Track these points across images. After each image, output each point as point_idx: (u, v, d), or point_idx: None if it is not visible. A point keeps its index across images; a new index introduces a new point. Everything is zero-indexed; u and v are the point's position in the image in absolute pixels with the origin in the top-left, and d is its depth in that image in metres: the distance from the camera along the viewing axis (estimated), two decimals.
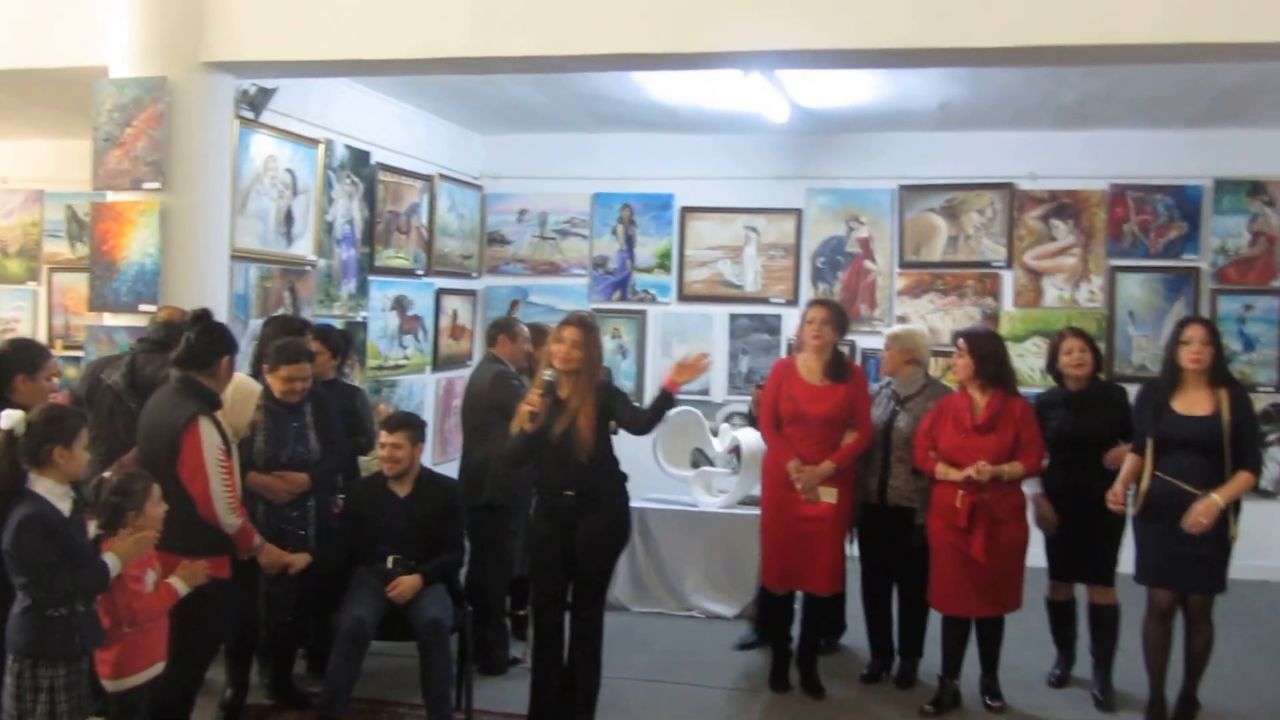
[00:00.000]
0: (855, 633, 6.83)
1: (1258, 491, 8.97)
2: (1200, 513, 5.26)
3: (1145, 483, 5.49)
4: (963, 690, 6.06)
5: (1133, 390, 6.07)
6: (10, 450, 4.03)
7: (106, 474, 4.52)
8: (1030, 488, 6.02)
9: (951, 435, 5.86)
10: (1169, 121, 8.97)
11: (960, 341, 6.01)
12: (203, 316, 5.02)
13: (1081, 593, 6.30)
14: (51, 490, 4.05)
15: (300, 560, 5.30)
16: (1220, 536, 5.37)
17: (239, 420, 5.34)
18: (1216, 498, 5.28)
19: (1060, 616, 6.39)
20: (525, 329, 6.79)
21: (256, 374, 5.80)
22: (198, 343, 4.87)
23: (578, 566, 5.38)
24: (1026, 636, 6.59)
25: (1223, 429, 5.36)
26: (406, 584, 5.42)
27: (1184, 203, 9.30)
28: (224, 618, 4.99)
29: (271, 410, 5.59)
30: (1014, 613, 6.04)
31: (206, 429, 4.70)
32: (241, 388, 5.43)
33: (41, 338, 10.17)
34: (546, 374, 5.27)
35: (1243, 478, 5.39)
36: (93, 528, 4.29)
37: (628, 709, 5.88)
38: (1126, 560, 5.89)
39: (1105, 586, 6.11)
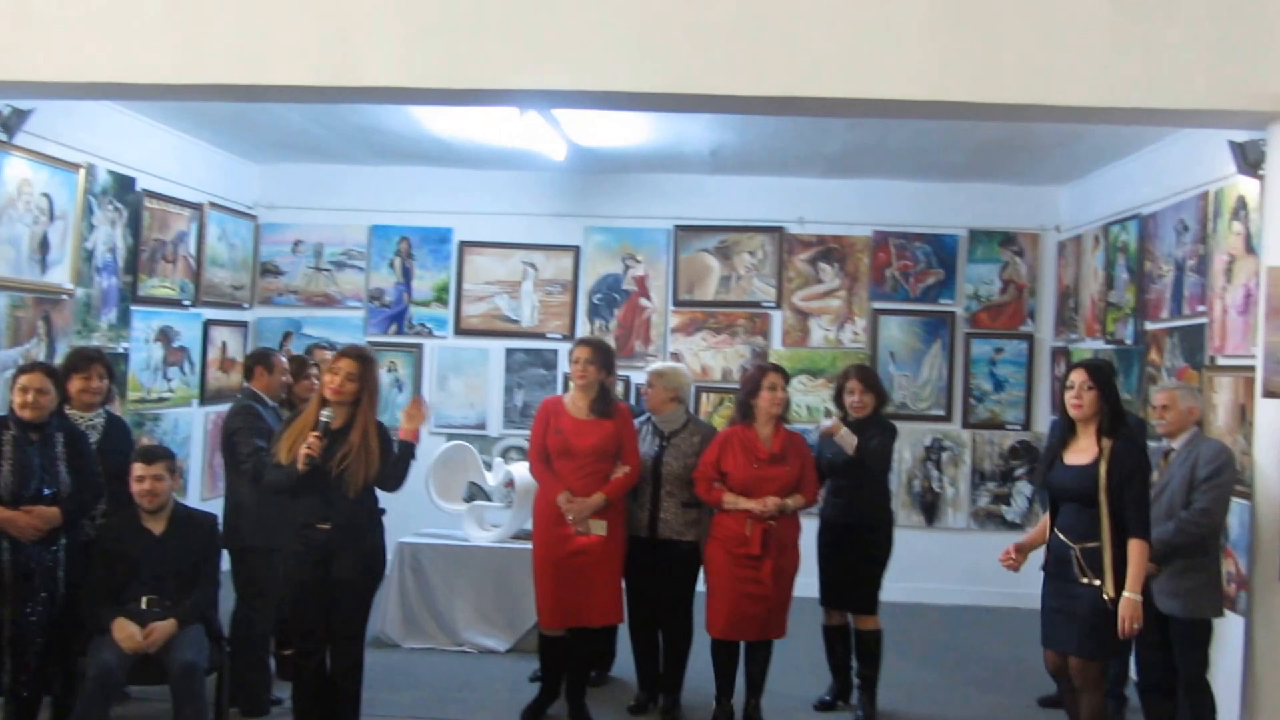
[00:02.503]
0: (624, 663, 6.92)
1: (1005, 523, 9.49)
2: (1128, 619, 4.91)
3: (1046, 537, 5.37)
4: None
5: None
6: None
7: None
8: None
9: (744, 467, 6.09)
10: (928, 174, 9.48)
11: (778, 377, 6.25)
12: None
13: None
14: None
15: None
16: (1097, 601, 5.03)
17: None
18: (1132, 596, 4.92)
19: (834, 641, 6.66)
20: (283, 360, 6.64)
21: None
22: None
23: (335, 602, 5.32)
24: (797, 664, 6.98)
25: (1098, 478, 5.07)
26: (160, 632, 5.24)
27: (941, 251, 9.81)
28: None
29: (18, 440, 5.33)
30: (785, 640, 6.32)
31: None
32: None
33: None
34: (323, 414, 5.25)
35: (1134, 550, 4.96)
36: None
37: None
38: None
39: (868, 615, 6.44)
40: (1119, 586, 4.93)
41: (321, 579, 5.27)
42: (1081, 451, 5.19)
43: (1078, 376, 5.24)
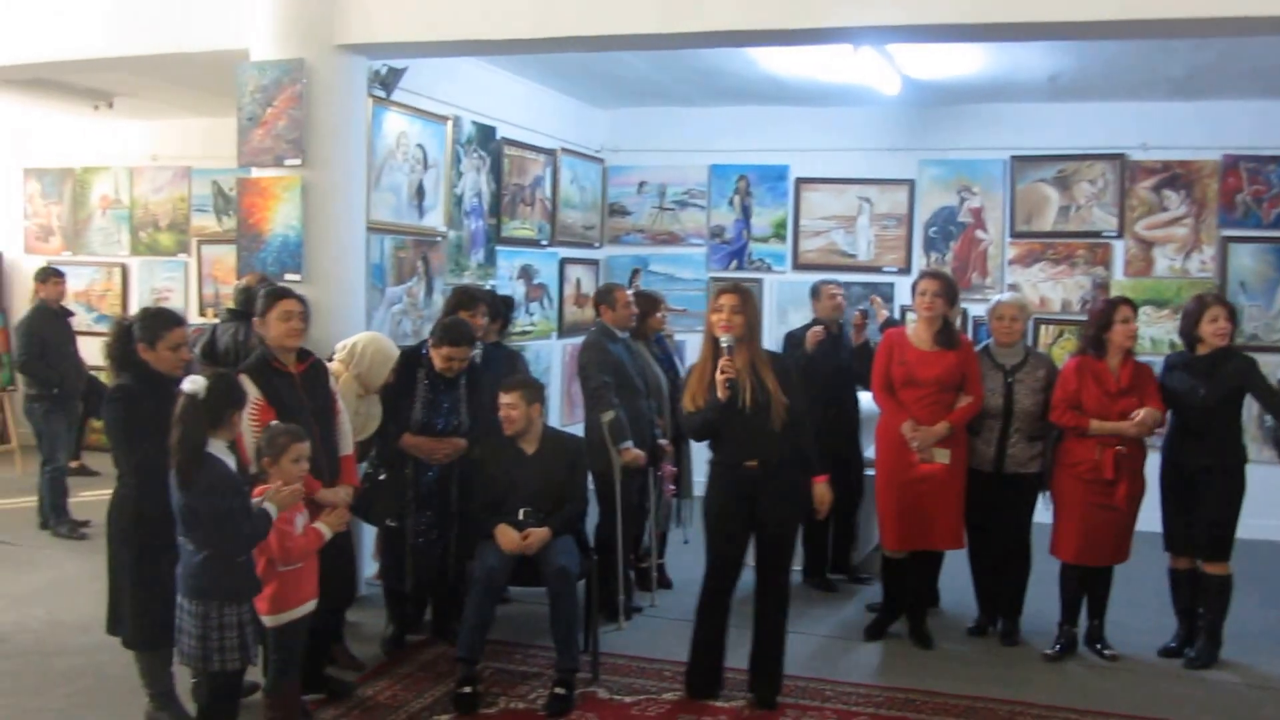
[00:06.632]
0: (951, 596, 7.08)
1: None
2: None
3: None
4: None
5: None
6: (194, 412, 4.28)
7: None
8: None
9: (1098, 398, 6.14)
10: None
11: (1130, 310, 6.22)
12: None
13: None
14: (220, 449, 4.39)
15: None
16: None
17: (373, 380, 5.79)
18: None
19: (1180, 585, 6.41)
20: (627, 294, 6.97)
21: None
22: None
23: (762, 534, 5.48)
24: (1141, 602, 6.94)
25: None
26: (536, 536, 5.66)
27: None
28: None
29: (432, 380, 5.98)
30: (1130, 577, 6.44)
31: (246, 384, 4.96)
32: (381, 350, 5.84)
33: (192, 307, 10.83)
34: (723, 340, 5.37)
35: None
36: None
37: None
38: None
39: (1219, 561, 6.18)
40: None
41: (748, 515, 5.44)
42: None
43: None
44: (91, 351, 8.34)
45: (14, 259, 12.11)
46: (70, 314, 9.05)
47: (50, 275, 8.81)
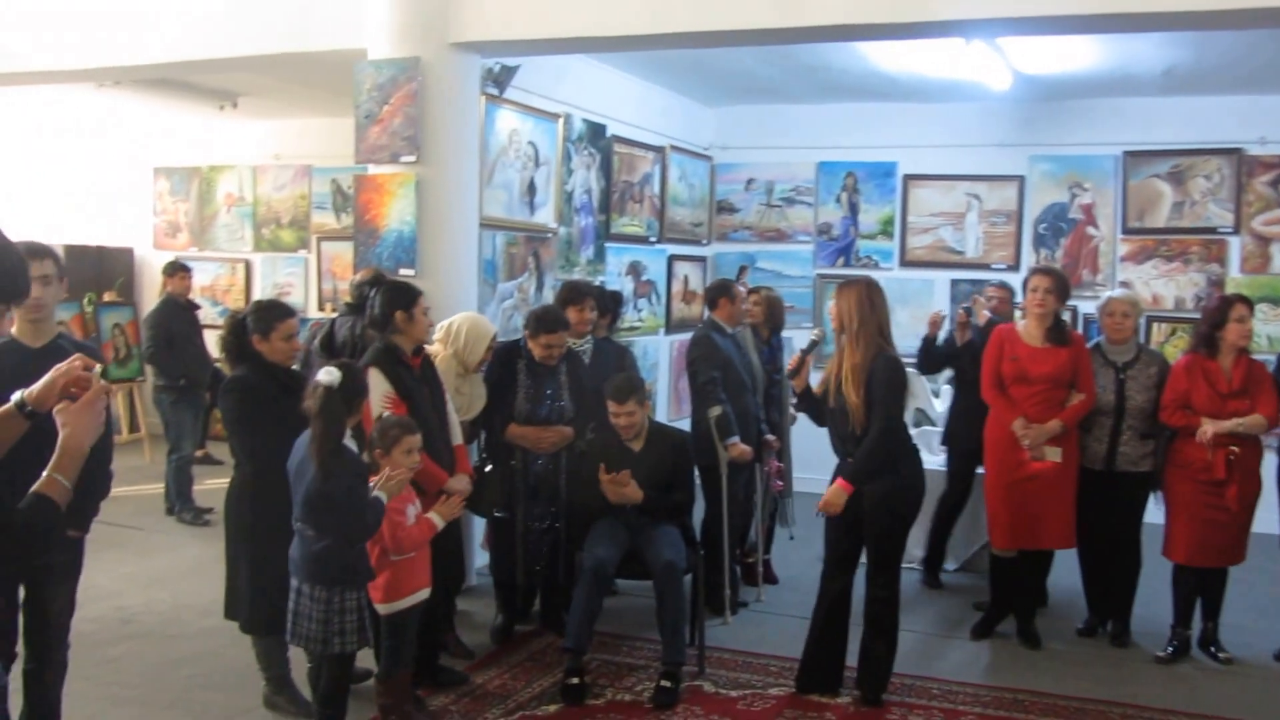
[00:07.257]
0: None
1: None
2: None
3: None
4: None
5: None
6: (334, 403, 4.39)
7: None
8: None
9: (1210, 397, 6.01)
10: None
11: (1245, 309, 6.07)
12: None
13: None
14: (346, 436, 4.49)
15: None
16: None
17: (471, 358, 5.90)
18: None
19: None
20: (742, 291, 7.03)
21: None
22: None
23: (864, 533, 5.44)
24: (1259, 604, 6.84)
25: None
26: (630, 490, 5.73)
27: None
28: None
29: (533, 370, 6.07)
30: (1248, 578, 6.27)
31: (375, 378, 5.08)
32: (477, 326, 5.96)
33: (311, 302, 11.12)
34: (813, 334, 5.50)
35: None
36: None
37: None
38: None
39: None
40: None
41: (853, 510, 5.36)
42: None
43: None
44: (216, 344, 8.61)
45: (144, 254, 12.60)
46: (196, 307, 9.37)
47: (177, 270, 9.13)
